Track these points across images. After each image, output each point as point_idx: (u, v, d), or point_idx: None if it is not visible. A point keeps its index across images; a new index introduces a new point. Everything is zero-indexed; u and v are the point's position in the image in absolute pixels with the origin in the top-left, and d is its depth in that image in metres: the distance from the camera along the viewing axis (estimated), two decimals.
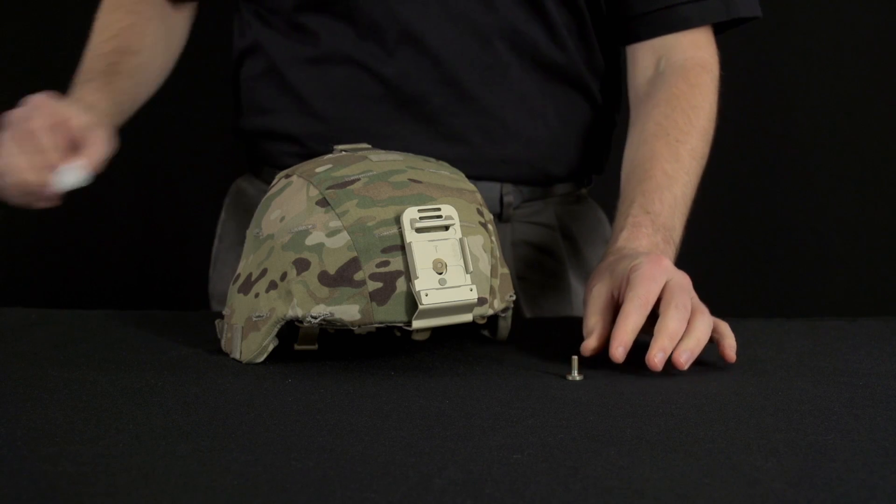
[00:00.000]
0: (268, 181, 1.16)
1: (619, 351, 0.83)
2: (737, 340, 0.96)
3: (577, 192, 1.21)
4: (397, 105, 1.09)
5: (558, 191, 1.17)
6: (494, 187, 1.11)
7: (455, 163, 0.95)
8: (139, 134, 1.78)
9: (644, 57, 1.13)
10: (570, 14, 1.11)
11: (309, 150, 1.09)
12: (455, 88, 1.08)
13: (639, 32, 1.12)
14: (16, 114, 0.94)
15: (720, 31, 1.14)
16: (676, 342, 0.83)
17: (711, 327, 0.86)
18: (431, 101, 1.08)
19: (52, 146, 0.92)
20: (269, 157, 1.16)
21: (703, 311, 0.87)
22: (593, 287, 0.90)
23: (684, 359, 0.83)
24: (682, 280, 0.88)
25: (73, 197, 1.82)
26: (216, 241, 1.25)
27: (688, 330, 0.84)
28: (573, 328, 1.02)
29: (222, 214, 1.25)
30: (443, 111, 1.09)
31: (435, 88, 1.08)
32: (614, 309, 0.88)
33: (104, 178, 1.79)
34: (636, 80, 1.14)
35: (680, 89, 1.08)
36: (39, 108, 0.94)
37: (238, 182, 1.24)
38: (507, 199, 1.12)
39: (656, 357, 0.82)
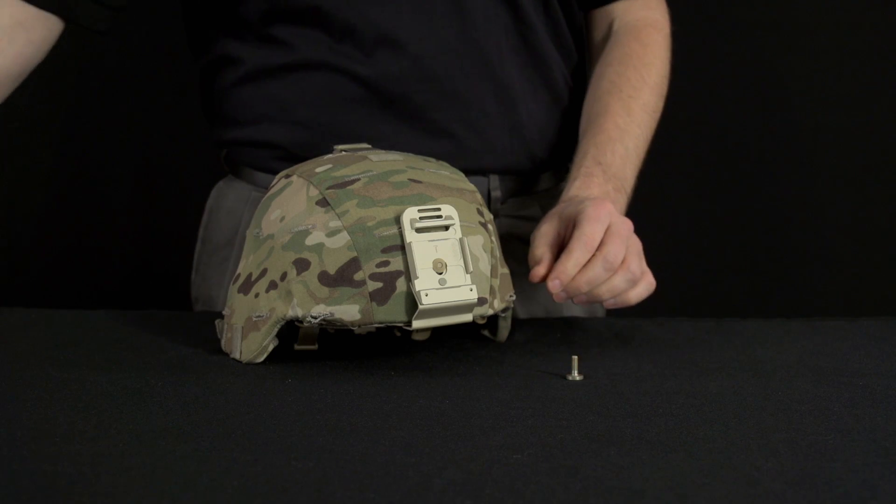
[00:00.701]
0: (249, 182, 1.16)
1: (554, 284, 0.89)
2: (737, 340, 0.97)
3: (560, 186, 1.22)
4: (379, 106, 1.09)
5: (542, 185, 1.18)
6: (482, 182, 1.12)
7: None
8: (140, 133, 1.79)
9: (599, 20, 1.21)
10: None
11: (293, 155, 1.09)
12: (435, 83, 1.09)
13: None
14: None
15: None
16: (591, 288, 0.89)
17: (632, 284, 0.91)
18: (413, 98, 1.09)
19: None
20: (251, 161, 1.15)
21: (633, 262, 0.91)
22: (542, 226, 0.95)
23: (577, 300, 0.90)
24: (622, 227, 0.92)
25: (74, 197, 1.83)
26: (198, 244, 1.24)
27: (606, 280, 0.90)
28: (573, 328, 1.02)
29: (204, 217, 1.24)
30: (425, 107, 1.09)
31: (416, 85, 1.08)
32: (560, 246, 0.93)
33: (104, 179, 1.79)
34: (593, 41, 1.21)
35: (632, 48, 1.15)
36: None
37: (219, 185, 1.23)
38: (494, 193, 1.13)
39: (555, 285, 0.89)
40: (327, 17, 1.07)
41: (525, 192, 1.17)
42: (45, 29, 1.06)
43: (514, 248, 1.14)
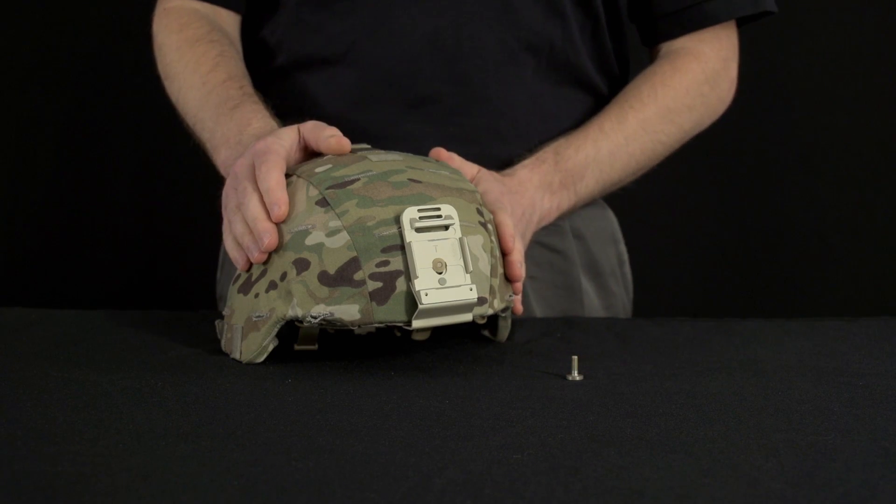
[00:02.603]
0: None
1: (519, 307, 0.91)
2: (737, 340, 0.97)
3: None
4: (409, 106, 1.08)
5: None
6: None
7: None
8: (140, 133, 1.79)
9: (656, 54, 1.18)
10: (586, 16, 1.11)
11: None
12: (468, 88, 1.08)
13: (667, 31, 1.15)
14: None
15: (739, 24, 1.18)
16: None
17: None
18: (444, 101, 1.08)
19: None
20: None
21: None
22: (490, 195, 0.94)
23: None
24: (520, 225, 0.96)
25: (74, 197, 1.82)
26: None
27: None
28: (573, 328, 1.02)
29: None
30: (455, 112, 1.08)
31: (448, 88, 1.07)
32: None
33: (105, 178, 1.79)
34: None
35: (662, 68, 1.13)
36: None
37: None
38: None
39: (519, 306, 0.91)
40: (365, 8, 1.06)
41: None
42: (229, 23, 1.14)
43: (537, 254, 1.13)
